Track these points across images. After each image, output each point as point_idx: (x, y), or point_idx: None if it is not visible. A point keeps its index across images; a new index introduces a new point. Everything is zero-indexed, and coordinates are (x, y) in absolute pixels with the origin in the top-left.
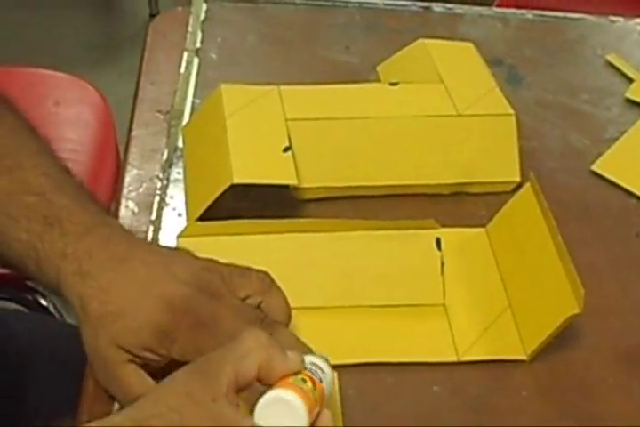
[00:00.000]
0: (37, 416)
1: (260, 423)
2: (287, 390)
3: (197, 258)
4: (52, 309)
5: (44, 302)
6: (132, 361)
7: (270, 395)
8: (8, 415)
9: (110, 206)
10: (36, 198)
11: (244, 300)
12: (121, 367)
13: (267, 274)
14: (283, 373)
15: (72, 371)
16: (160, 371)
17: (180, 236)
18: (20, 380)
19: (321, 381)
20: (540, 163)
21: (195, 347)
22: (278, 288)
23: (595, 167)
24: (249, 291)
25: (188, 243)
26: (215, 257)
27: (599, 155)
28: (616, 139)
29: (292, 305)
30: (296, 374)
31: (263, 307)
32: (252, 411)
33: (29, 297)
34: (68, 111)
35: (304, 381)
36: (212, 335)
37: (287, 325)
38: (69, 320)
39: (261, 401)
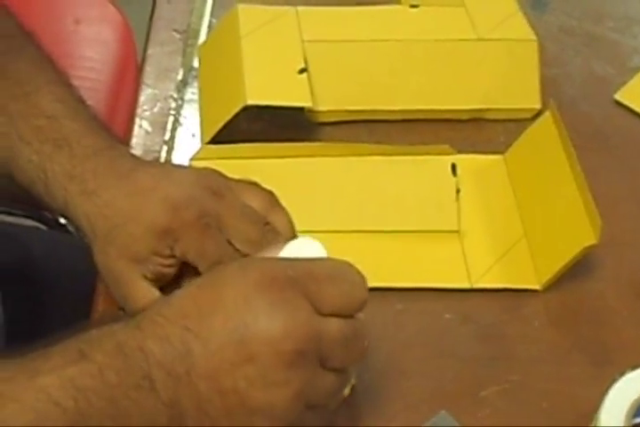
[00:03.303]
0: (53, 334)
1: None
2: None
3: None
4: (70, 227)
5: (62, 221)
6: (144, 277)
7: (294, 241)
8: (23, 333)
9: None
10: (47, 121)
11: None
12: (133, 284)
13: (272, 193)
14: None
15: (88, 289)
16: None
17: (192, 159)
18: (37, 298)
19: None
20: (562, 90)
21: (197, 245)
22: (283, 208)
23: (617, 96)
24: (253, 205)
25: (200, 166)
26: None
27: (623, 84)
28: None
29: (304, 229)
30: None
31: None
32: None
33: (48, 215)
34: (89, 30)
35: None
36: (214, 233)
37: None
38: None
39: (286, 246)
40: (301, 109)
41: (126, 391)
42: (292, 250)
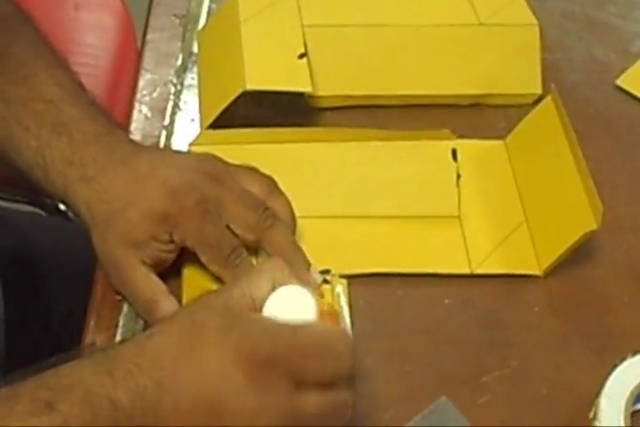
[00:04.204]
0: (50, 320)
1: (268, 315)
2: (298, 287)
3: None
4: (69, 213)
5: (62, 207)
6: (143, 263)
7: (282, 289)
8: (20, 321)
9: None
10: (45, 106)
11: None
12: (132, 270)
13: (272, 178)
14: None
15: (87, 276)
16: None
17: (192, 144)
18: (35, 285)
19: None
20: (564, 76)
21: (196, 231)
22: (282, 193)
23: (619, 82)
24: (253, 190)
25: (200, 151)
26: None
27: (624, 69)
28: None
29: (304, 214)
30: None
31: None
32: None
33: (47, 201)
34: (88, 16)
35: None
36: (214, 219)
37: (292, 231)
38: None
39: (273, 295)
40: (301, 94)
41: None
42: (279, 298)
